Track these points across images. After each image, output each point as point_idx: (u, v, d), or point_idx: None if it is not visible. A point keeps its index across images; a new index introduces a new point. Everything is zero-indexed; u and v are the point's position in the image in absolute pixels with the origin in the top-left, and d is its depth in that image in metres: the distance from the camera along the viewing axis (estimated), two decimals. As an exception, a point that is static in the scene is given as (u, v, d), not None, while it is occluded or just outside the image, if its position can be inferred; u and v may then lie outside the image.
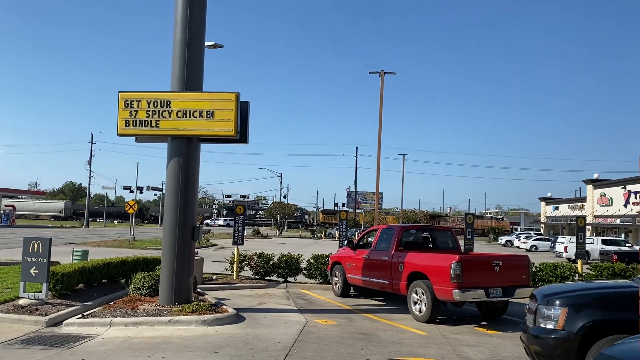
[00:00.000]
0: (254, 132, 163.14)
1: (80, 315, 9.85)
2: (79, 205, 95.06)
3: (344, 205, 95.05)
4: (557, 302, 5.99)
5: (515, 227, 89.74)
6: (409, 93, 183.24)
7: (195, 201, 11.23)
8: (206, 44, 16.85)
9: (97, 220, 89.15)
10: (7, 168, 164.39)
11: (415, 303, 10.82)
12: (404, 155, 68.73)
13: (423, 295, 10.57)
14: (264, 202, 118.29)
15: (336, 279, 14.11)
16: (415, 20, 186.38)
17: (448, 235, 13.38)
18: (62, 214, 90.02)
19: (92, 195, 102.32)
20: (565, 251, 35.12)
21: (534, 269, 15.00)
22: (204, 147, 11.69)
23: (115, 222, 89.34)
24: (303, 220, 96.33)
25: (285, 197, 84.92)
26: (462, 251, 13.42)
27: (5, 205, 69.31)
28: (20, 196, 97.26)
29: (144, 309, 10.24)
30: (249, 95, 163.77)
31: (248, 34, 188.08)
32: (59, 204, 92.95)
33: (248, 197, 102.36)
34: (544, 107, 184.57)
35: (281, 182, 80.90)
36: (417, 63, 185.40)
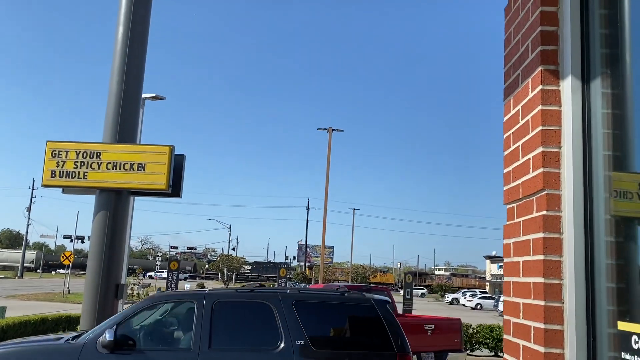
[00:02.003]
0: (203, 181, 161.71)
1: (-17, 381, 9.01)
2: (51, 256, 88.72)
3: (294, 258, 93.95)
4: None
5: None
6: (358, 149, 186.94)
7: (121, 257, 10.73)
8: (147, 95, 16.74)
9: (53, 271, 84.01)
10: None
11: (348, 367, 10.48)
12: (354, 209, 69.31)
13: (356, 359, 10.27)
14: (212, 253, 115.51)
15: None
16: (364, 79, 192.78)
17: (384, 295, 13.21)
18: (33, 265, 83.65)
19: (31, 244, 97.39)
20: (508, 310, 35.48)
21: (471, 330, 14.96)
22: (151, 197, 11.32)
23: (53, 272, 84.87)
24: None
25: (234, 249, 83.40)
26: (398, 312, 13.26)
27: None
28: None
29: (56, 374, 9.49)
30: (195, 146, 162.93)
31: (193, 84, 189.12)
32: (30, 254, 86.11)
33: (196, 249, 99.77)
34: (491, 165, 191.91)
35: (230, 233, 79.83)
36: (370, 120, 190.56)
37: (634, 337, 1.45)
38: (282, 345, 5.31)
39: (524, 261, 1.89)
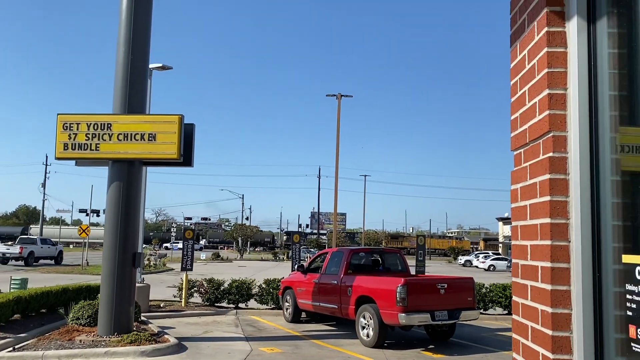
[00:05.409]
0: (215, 152, 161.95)
1: (11, 349, 9.34)
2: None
3: (307, 226, 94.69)
4: None
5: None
6: (369, 115, 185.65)
7: (137, 226, 10.91)
8: (154, 65, 16.70)
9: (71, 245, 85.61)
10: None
11: (363, 328, 10.71)
12: (365, 176, 69.28)
13: (370, 319, 10.48)
14: (226, 224, 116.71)
15: (287, 304, 13.89)
16: (374, 45, 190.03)
17: (397, 257, 13.38)
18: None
19: (47, 219, 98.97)
20: (521, 270, 35.68)
21: (484, 289, 15.13)
22: (163, 169, 11.43)
23: (71, 246, 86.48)
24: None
25: (247, 218, 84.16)
26: (411, 274, 13.42)
27: None
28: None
29: (80, 340, 9.80)
30: (208, 117, 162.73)
31: (203, 56, 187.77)
32: (101, 231, 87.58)
33: (209, 220, 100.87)
34: (502, 126, 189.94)
35: (243, 203, 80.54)
36: (378, 85, 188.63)
37: (638, 268, 1.48)
38: None
39: (531, 204, 1.92)
